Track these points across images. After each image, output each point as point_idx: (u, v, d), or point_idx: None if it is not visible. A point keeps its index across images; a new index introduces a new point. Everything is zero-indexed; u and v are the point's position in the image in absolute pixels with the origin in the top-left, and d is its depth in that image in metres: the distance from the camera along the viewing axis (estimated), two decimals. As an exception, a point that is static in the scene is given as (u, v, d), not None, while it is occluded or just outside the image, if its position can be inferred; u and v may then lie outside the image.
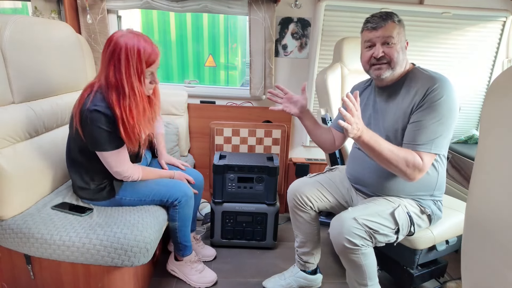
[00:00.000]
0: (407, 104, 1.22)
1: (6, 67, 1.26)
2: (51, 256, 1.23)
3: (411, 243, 1.31)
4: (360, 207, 1.27)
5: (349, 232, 1.16)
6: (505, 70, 0.56)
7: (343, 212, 1.25)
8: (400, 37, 1.22)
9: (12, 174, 1.22)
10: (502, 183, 0.53)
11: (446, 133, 1.17)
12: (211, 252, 1.84)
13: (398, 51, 1.21)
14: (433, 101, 1.15)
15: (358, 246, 1.17)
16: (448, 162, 2.10)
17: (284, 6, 2.17)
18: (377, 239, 1.20)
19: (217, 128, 2.26)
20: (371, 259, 1.23)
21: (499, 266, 0.53)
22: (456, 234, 1.39)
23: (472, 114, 2.45)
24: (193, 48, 2.85)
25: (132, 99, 1.22)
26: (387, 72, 1.23)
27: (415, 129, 1.18)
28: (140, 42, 1.20)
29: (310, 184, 1.50)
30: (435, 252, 1.36)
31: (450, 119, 1.15)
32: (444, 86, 1.15)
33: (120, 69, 1.19)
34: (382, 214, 1.21)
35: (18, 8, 2.47)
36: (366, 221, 1.18)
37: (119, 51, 1.18)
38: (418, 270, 1.41)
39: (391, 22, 1.20)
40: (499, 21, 2.21)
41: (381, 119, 1.31)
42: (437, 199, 1.32)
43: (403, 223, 1.22)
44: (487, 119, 0.57)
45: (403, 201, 1.28)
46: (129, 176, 1.36)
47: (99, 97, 1.22)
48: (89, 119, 1.20)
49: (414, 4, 2.14)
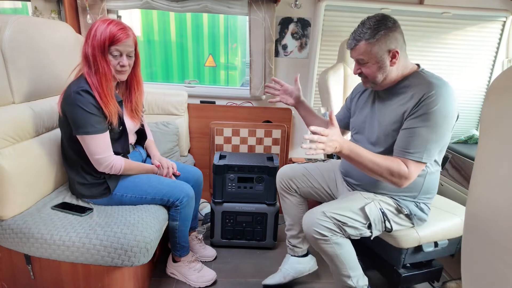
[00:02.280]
0: (401, 108, 1.21)
1: (6, 67, 1.26)
2: (51, 256, 1.23)
3: (396, 241, 1.32)
4: (333, 202, 1.33)
5: (318, 225, 1.23)
6: (505, 70, 0.56)
7: (315, 207, 1.30)
8: (376, 55, 1.18)
9: (12, 174, 1.22)
10: (502, 183, 0.53)
11: (439, 142, 1.17)
12: (211, 252, 1.84)
13: (374, 70, 1.21)
14: (428, 109, 1.13)
15: (327, 236, 1.23)
16: (448, 162, 2.10)
17: (284, 6, 2.17)
18: (347, 231, 1.24)
19: (217, 128, 2.26)
20: (346, 249, 1.27)
21: (499, 266, 0.53)
22: (447, 237, 1.38)
23: (472, 114, 2.45)
24: (193, 48, 2.85)
25: (97, 72, 1.29)
26: (370, 84, 1.27)
27: (407, 135, 1.17)
28: (111, 22, 1.30)
29: (297, 170, 1.58)
30: (423, 254, 1.36)
31: (443, 127, 1.15)
32: (440, 94, 1.13)
33: (88, 42, 1.28)
34: (352, 208, 1.26)
35: (18, 8, 2.48)
36: (334, 214, 1.23)
37: (93, 27, 1.28)
38: (407, 270, 1.40)
39: (363, 43, 1.17)
40: (499, 21, 2.21)
41: (376, 120, 1.32)
42: (421, 202, 1.32)
43: (375, 218, 1.25)
44: (487, 119, 0.57)
45: (379, 197, 1.31)
46: (111, 164, 1.34)
47: (81, 79, 1.29)
48: (72, 99, 1.25)
49: (414, 4, 2.14)
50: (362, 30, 1.18)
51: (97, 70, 1.28)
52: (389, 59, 1.19)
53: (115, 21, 1.30)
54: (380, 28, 1.15)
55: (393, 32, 1.17)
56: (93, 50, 1.27)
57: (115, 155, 1.37)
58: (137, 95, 1.49)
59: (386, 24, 1.16)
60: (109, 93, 1.31)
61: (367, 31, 1.17)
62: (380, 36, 1.16)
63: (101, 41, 1.26)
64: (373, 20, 1.17)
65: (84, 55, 1.29)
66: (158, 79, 2.92)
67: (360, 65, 1.24)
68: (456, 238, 1.40)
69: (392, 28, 1.17)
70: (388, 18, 1.18)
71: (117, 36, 1.27)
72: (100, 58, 1.27)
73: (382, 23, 1.16)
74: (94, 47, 1.27)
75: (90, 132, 1.28)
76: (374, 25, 1.16)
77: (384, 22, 1.16)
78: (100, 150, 1.31)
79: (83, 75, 1.30)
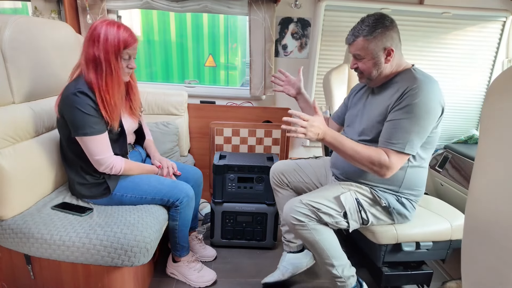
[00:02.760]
0: (387, 101, 1.26)
1: (6, 67, 1.26)
2: (51, 256, 1.23)
3: (375, 236, 1.34)
4: (311, 192, 1.38)
5: (294, 211, 1.29)
6: (505, 70, 0.56)
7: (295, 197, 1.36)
8: (373, 51, 1.23)
9: (12, 174, 1.22)
10: (502, 183, 0.53)
11: (421, 134, 1.20)
12: (211, 252, 1.84)
13: (370, 66, 1.26)
14: (410, 101, 1.17)
15: (303, 222, 1.28)
16: (448, 162, 2.10)
17: (284, 6, 2.17)
18: (322, 218, 1.28)
19: (217, 128, 2.26)
20: (325, 236, 1.30)
21: (499, 266, 0.53)
22: (432, 239, 1.36)
23: (472, 114, 2.46)
24: (193, 48, 2.85)
25: (109, 75, 1.29)
26: (366, 80, 1.33)
27: (391, 127, 1.22)
28: (120, 25, 1.30)
29: (289, 165, 1.65)
30: (403, 253, 1.35)
31: (426, 120, 1.18)
32: (422, 88, 1.17)
33: (99, 46, 1.26)
34: (328, 197, 1.31)
35: (18, 8, 2.48)
36: (309, 202, 1.29)
37: (99, 29, 1.27)
38: (391, 269, 1.41)
39: (360, 39, 1.24)
40: (499, 21, 2.21)
41: (365, 114, 1.37)
42: (402, 196, 1.33)
43: (350, 208, 1.29)
44: (487, 119, 0.57)
45: (356, 187, 1.34)
46: (111, 165, 1.34)
47: (79, 81, 1.28)
48: (70, 101, 1.25)
49: (414, 4, 2.14)
50: (361, 27, 1.23)
51: (109, 74, 1.28)
52: (384, 56, 1.24)
53: (122, 24, 1.32)
54: (378, 26, 1.21)
55: (389, 31, 1.22)
56: (106, 54, 1.26)
57: (115, 155, 1.37)
58: (134, 92, 1.53)
59: (384, 23, 1.22)
60: (119, 96, 1.33)
61: (365, 28, 1.22)
62: (377, 33, 1.21)
63: (116, 45, 1.27)
64: (372, 18, 1.23)
65: (92, 58, 1.27)
66: (158, 79, 2.92)
67: (356, 60, 1.30)
68: (445, 242, 1.38)
69: (389, 27, 1.22)
70: (386, 17, 1.24)
71: (130, 41, 1.30)
72: (114, 62, 1.28)
73: (380, 22, 1.22)
74: (107, 51, 1.26)
75: (89, 133, 1.27)
76: (373, 23, 1.22)
77: (382, 21, 1.22)
78: (100, 150, 1.31)
79: (80, 77, 1.30)
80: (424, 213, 1.44)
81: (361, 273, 1.45)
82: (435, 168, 2.17)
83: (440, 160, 2.18)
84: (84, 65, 1.29)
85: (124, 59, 1.32)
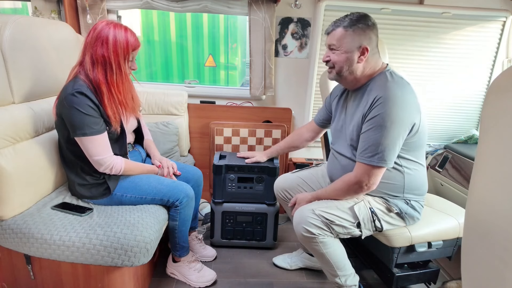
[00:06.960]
0: (360, 112, 1.26)
1: (6, 67, 1.26)
2: (51, 256, 1.23)
3: (388, 240, 1.33)
4: (323, 201, 1.35)
5: (306, 222, 1.26)
6: (505, 70, 0.56)
7: (306, 205, 1.33)
8: (348, 45, 1.22)
9: (12, 174, 1.22)
10: (502, 183, 0.53)
11: (392, 146, 1.18)
12: (211, 252, 1.84)
13: (342, 59, 1.24)
14: (377, 112, 1.17)
15: (314, 235, 1.26)
16: (448, 162, 2.10)
17: (284, 6, 2.17)
18: (336, 230, 1.27)
19: (217, 128, 2.26)
20: (332, 249, 1.29)
21: (499, 266, 0.53)
22: (442, 238, 1.37)
23: (472, 114, 2.45)
24: (193, 48, 2.85)
25: (119, 76, 1.31)
26: (335, 75, 1.30)
27: (362, 140, 1.23)
28: (126, 28, 1.33)
29: (291, 180, 1.65)
30: (416, 254, 1.36)
31: (395, 131, 1.16)
32: (389, 98, 1.15)
33: (108, 47, 1.27)
34: (341, 207, 1.29)
35: (18, 8, 2.48)
36: (323, 213, 1.26)
37: (107, 31, 1.27)
38: (401, 270, 1.41)
39: (340, 29, 1.23)
40: (499, 21, 2.20)
41: (348, 124, 1.36)
42: (411, 199, 1.33)
43: (364, 218, 1.28)
44: (487, 119, 0.57)
45: (369, 197, 1.33)
46: (111, 165, 1.34)
47: (77, 81, 1.28)
48: (68, 101, 1.24)
49: (414, 4, 2.14)
50: (343, 19, 1.24)
51: (119, 74, 1.31)
52: (358, 54, 1.24)
53: (127, 27, 1.34)
54: (360, 22, 1.22)
55: (369, 30, 1.23)
56: (116, 56, 1.29)
57: (115, 155, 1.37)
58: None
59: (366, 22, 1.23)
60: (129, 96, 1.37)
61: (347, 21, 1.23)
62: (357, 28, 1.22)
63: (125, 47, 1.30)
64: (356, 15, 1.24)
65: (101, 59, 1.27)
66: (158, 79, 2.92)
67: (330, 52, 1.29)
68: (452, 239, 1.39)
69: (370, 27, 1.23)
70: (370, 18, 1.24)
71: (136, 44, 1.34)
72: (123, 64, 1.31)
73: (362, 19, 1.23)
74: (117, 53, 1.28)
75: (88, 134, 1.27)
76: (355, 18, 1.23)
77: (365, 19, 1.23)
78: (99, 151, 1.31)
79: (78, 77, 1.29)
80: (430, 212, 1.44)
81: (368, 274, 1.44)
82: (435, 168, 2.17)
83: (440, 160, 2.18)
84: (90, 64, 1.28)
85: (130, 60, 1.35)
